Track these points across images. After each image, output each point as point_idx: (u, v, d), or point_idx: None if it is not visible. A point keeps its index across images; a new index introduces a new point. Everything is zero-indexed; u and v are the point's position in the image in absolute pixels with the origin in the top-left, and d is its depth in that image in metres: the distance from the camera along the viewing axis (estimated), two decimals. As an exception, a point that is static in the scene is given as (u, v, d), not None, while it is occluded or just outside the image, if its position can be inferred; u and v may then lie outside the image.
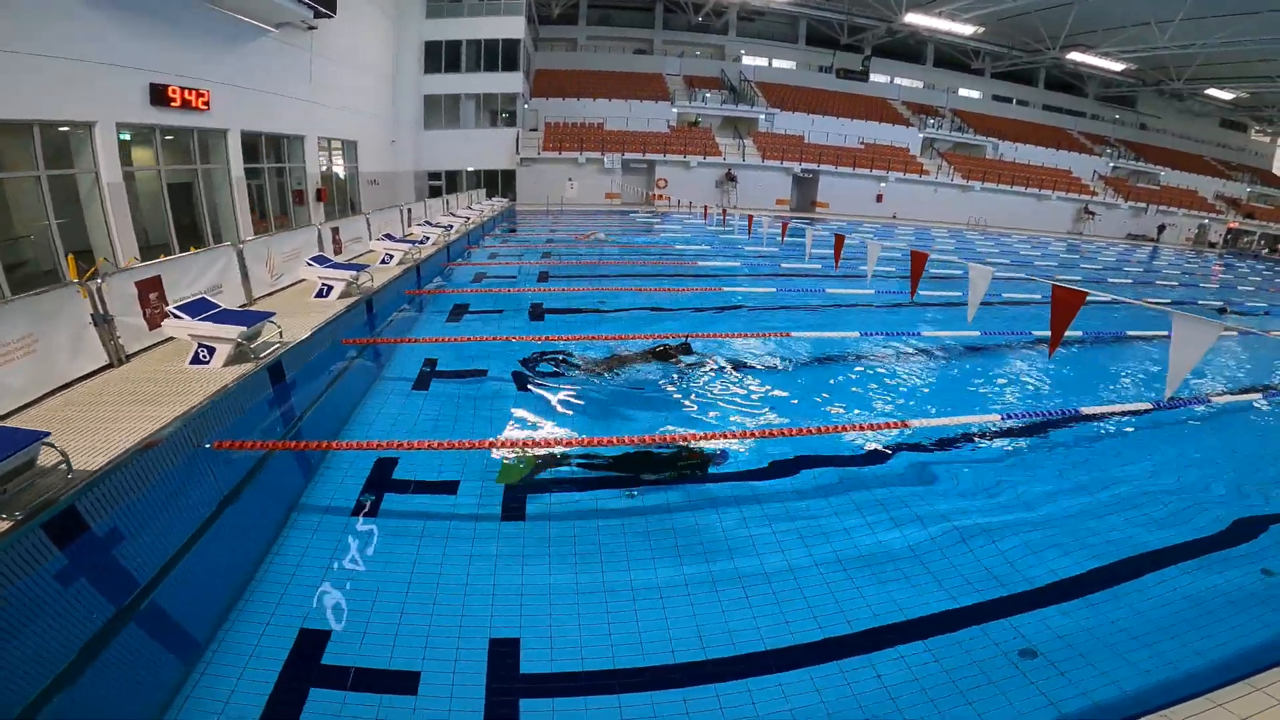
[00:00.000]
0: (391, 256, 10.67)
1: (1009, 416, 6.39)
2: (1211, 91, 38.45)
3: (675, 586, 3.76)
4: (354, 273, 8.49)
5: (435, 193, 28.00)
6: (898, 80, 42.15)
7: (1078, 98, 44.63)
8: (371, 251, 11.05)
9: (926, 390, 7.43)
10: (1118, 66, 36.11)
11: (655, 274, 13.75)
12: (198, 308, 6.26)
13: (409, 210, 14.62)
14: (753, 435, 5.71)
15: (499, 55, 29.06)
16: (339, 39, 20.36)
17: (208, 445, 4.75)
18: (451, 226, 15.35)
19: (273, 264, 8.99)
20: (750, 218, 13.39)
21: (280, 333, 6.70)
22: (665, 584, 3.77)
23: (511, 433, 5.86)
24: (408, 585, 3.68)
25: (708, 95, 36.50)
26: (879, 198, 34.52)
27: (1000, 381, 7.93)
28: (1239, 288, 21.11)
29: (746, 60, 40.39)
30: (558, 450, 5.40)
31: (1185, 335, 3.50)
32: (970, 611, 3.61)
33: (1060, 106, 44.26)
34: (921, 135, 38.20)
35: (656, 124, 33.68)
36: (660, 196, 32.03)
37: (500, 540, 4.14)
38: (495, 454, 5.26)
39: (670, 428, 5.89)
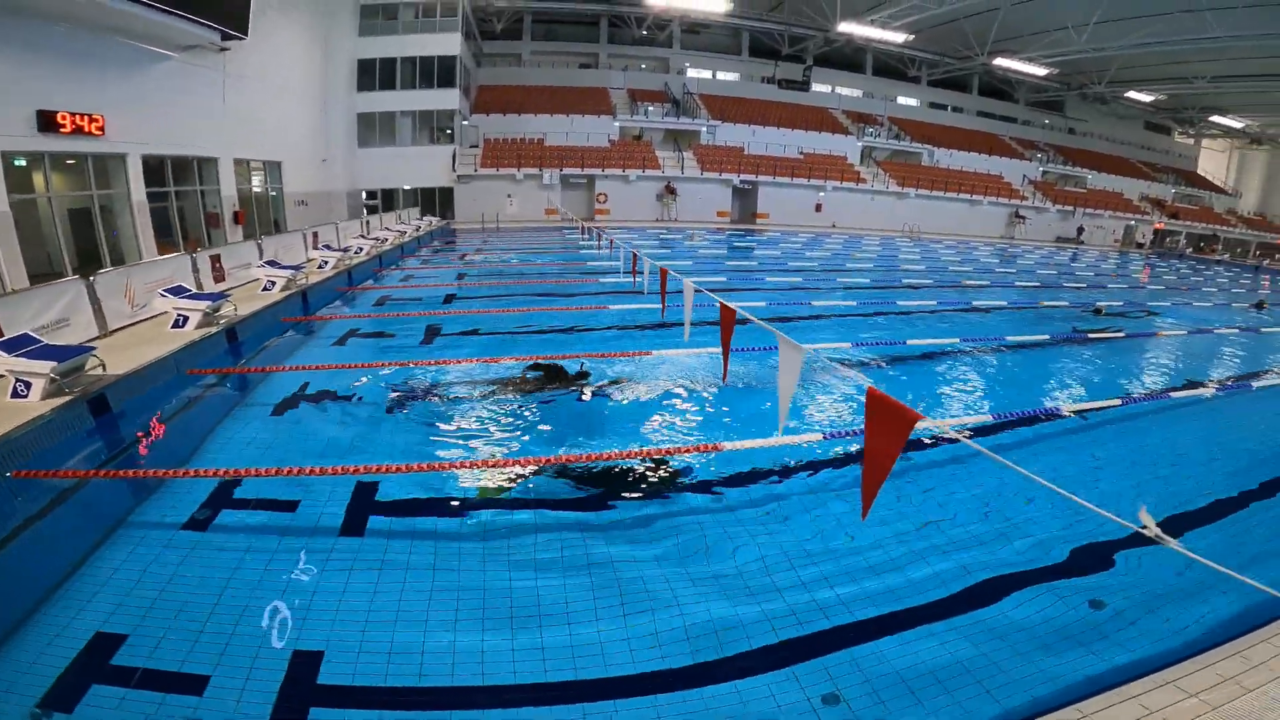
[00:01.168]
0: (274, 283, 10.57)
1: (832, 436, 6.56)
2: (1131, 94, 40.04)
3: (499, 609, 3.84)
4: (209, 303, 8.41)
5: (372, 211, 27.79)
6: (839, 89, 43.04)
7: (1010, 103, 46.08)
8: (255, 280, 10.94)
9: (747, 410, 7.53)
10: (1041, 71, 37.42)
11: (559, 294, 13.82)
12: (16, 344, 6.31)
13: (314, 234, 14.47)
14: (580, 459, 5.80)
15: (435, 72, 28.99)
16: (257, 59, 20.08)
17: (7, 475, 5.03)
18: (361, 249, 15.26)
19: (132, 295, 8.87)
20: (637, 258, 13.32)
21: (103, 366, 6.70)
22: (491, 607, 3.85)
23: (386, 456, 5.90)
24: (219, 596, 3.85)
25: (650, 108, 36.84)
26: (818, 207, 35.15)
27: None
28: (1149, 288, 22.01)
29: (691, 73, 40.90)
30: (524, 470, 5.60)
31: (785, 360, 3.52)
32: (782, 649, 3.62)
33: (993, 112, 45.66)
34: (860, 144, 39.05)
35: (597, 138, 33.88)
36: (601, 211, 32.23)
37: (330, 557, 4.29)
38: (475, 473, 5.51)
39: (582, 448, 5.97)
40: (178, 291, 8.55)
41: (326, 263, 12.94)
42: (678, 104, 38.09)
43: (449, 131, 30.20)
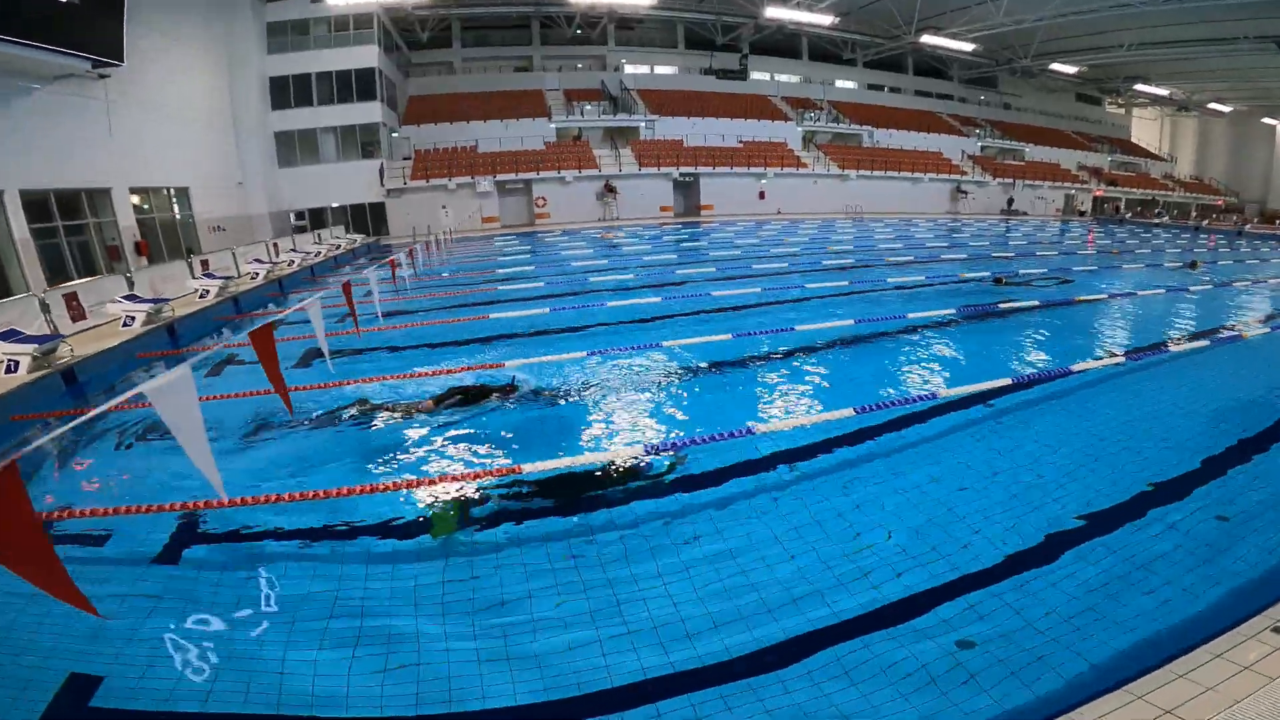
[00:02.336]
0: (133, 319, 9.93)
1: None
2: (1056, 66, 40.48)
3: (311, 634, 3.68)
4: (36, 345, 7.79)
5: (301, 231, 26.86)
6: (778, 76, 42.97)
7: (946, 82, 46.48)
8: (115, 319, 10.25)
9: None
10: (968, 47, 37.74)
11: (463, 304, 13.34)
12: None
13: (203, 262, 13.75)
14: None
15: (354, 86, 28.19)
16: (147, 85, 19.15)
17: None
18: (257, 274, 14.64)
19: (-38, 343, 8.21)
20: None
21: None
22: (301, 632, 3.69)
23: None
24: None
25: (587, 107, 36.34)
26: (761, 195, 34.99)
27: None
28: (1077, 254, 22.16)
29: (629, 69, 40.43)
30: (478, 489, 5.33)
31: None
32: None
33: (930, 91, 46.00)
34: (800, 129, 39.00)
35: (532, 141, 33.27)
36: (542, 216, 31.72)
37: (132, 585, 4.17)
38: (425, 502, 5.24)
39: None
40: (7, 336, 7.91)
41: (208, 292, 12.30)
42: (615, 101, 37.65)
43: (373, 145, 29.40)
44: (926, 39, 36.27)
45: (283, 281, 15.71)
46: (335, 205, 28.84)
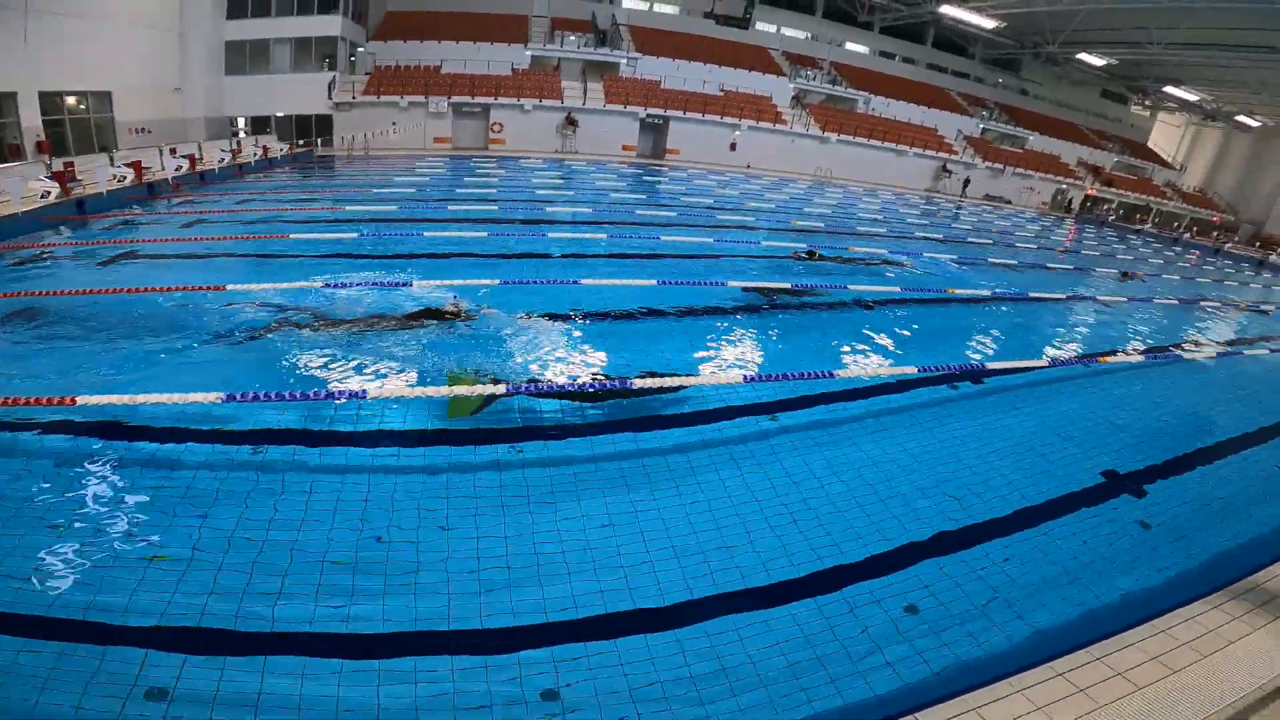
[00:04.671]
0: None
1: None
2: (1082, 56, 38.36)
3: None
4: None
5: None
6: (785, 30, 41.08)
7: (965, 59, 44.24)
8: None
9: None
10: (989, 24, 35.84)
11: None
12: None
13: (67, 164, 13.62)
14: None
15: (315, -4, 27.39)
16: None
17: None
18: (125, 177, 14.65)
19: None
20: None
21: None
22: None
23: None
24: None
25: (570, 38, 35.05)
26: (732, 146, 33.89)
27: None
28: (1035, 247, 21.42)
29: (627, 3, 38.87)
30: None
31: None
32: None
33: (945, 66, 43.83)
34: (792, 86, 37.50)
35: (500, 66, 32.14)
36: (497, 141, 31.07)
37: None
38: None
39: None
40: None
41: (49, 193, 12.40)
42: (604, 36, 36.27)
43: (329, 59, 28.60)
44: (947, 9, 34.44)
45: (154, 185, 15.54)
46: (280, 115, 28.28)
